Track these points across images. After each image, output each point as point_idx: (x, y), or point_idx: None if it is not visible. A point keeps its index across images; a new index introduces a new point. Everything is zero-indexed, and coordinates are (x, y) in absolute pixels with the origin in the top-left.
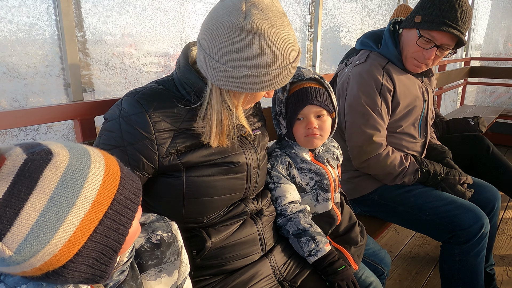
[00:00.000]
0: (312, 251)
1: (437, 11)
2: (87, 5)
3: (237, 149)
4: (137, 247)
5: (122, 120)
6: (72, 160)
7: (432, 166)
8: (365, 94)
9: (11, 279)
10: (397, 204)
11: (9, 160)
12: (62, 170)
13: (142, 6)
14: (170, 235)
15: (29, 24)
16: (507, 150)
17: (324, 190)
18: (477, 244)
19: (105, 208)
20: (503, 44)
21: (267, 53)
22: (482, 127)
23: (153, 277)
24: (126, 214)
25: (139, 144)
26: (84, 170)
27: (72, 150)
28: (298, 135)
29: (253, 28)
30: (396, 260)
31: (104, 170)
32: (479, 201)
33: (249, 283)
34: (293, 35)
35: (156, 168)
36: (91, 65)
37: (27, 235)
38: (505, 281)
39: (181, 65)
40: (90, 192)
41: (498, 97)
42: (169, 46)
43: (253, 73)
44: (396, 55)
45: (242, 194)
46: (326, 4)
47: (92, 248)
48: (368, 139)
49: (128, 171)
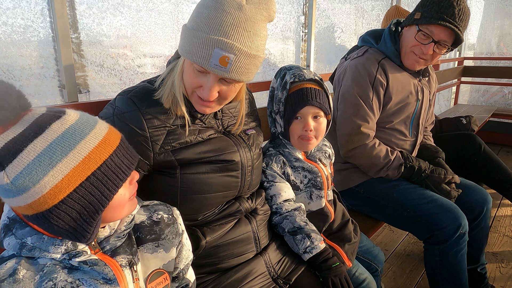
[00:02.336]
0: (307, 248)
1: (436, 7)
2: (81, 6)
3: (232, 147)
4: (137, 222)
5: (116, 118)
6: (78, 121)
7: (417, 162)
8: (358, 86)
9: (20, 232)
10: (381, 198)
11: (32, 111)
12: (67, 126)
13: (137, 8)
14: (170, 217)
15: (24, 26)
16: (500, 148)
17: (317, 187)
18: (456, 244)
19: (94, 167)
20: (496, 44)
21: (209, 8)
22: (474, 126)
23: (150, 251)
24: (113, 180)
25: (133, 141)
26: (85, 131)
27: (83, 116)
28: (294, 135)
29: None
30: (390, 258)
31: (103, 136)
32: (467, 203)
33: (244, 281)
34: (252, 25)
35: (150, 164)
36: (86, 66)
37: (23, 169)
38: (498, 277)
39: (171, 61)
40: (83, 149)
41: (491, 96)
42: (163, 47)
43: (190, 27)
44: (394, 51)
45: (236, 192)
46: (320, 4)
47: (76, 200)
48: (356, 129)
49: (129, 147)
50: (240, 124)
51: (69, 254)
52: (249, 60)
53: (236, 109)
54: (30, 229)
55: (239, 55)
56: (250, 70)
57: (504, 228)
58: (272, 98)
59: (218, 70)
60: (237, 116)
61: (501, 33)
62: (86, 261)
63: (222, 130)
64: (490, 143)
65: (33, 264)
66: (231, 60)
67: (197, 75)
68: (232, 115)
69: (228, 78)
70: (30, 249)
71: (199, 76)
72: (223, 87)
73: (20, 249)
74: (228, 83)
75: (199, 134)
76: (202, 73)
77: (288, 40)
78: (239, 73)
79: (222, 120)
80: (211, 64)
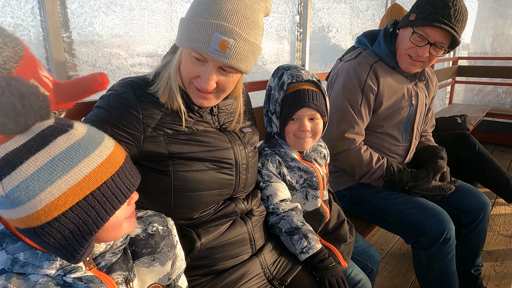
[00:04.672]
0: (304, 248)
1: (430, 8)
2: (73, 5)
3: (226, 144)
4: (133, 236)
5: (112, 97)
6: (84, 137)
7: (398, 175)
8: (347, 90)
9: (11, 247)
10: (366, 203)
11: (40, 123)
12: (72, 141)
13: (129, 7)
14: (165, 228)
15: (14, 25)
16: (494, 148)
17: (313, 188)
18: (441, 249)
19: (94, 187)
20: (490, 44)
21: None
22: (469, 125)
23: (146, 265)
24: (111, 201)
25: (125, 120)
26: (90, 148)
27: (90, 131)
28: (289, 135)
29: None
30: (386, 258)
31: (108, 156)
32: (463, 207)
33: (239, 282)
34: (251, 13)
35: (139, 146)
36: (78, 66)
37: (20, 183)
38: (493, 276)
39: (167, 56)
40: (86, 168)
41: (485, 96)
42: (157, 47)
43: (188, 16)
44: (388, 53)
45: (231, 191)
46: (315, 4)
47: (71, 219)
48: (340, 134)
49: (132, 166)
50: (238, 122)
51: (63, 270)
52: (248, 47)
53: (232, 106)
54: (22, 243)
55: (239, 40)
56: (248, 58)
57: (498, 227)
58: (268, 98)
59: (217, 56)
60: (233, 113)
61: (495, 33)
62: (82, 278)
63: (218, 126)
64: (484, 142)
65: (24, 281)
66: (230, 45)
67: (195, 64)
68: (229, 112)
69: (227, 64)
70: (22, 265)
71: (197, 66)
72: (221, 77)
73: (12, 265)
74: (226, 72)
75: (194, 125)
76: (201, 62)
77: (283, 39)
78: (238, 60)
79: (218, 117)
80: (210, 49)
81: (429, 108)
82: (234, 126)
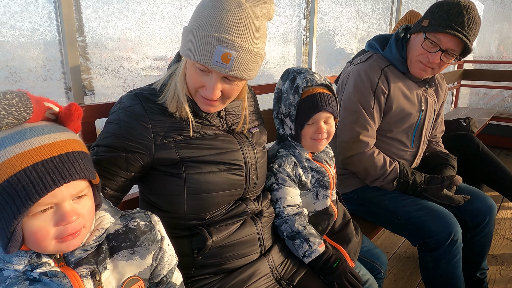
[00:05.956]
0: (306, 252)
1: (444, 15)
2: (87, 10)
3: (235, 145)
4: (112, 232)
5: (121, 112)
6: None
7: (412, 176)
8: (360, 93)
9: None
10: (373, 205)
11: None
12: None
13: (141, 11)
14: (147, 224)
15: (31, 29)
16: (500, 151)
17: (324, 187)
18: (448, 251)
19: (13, 171)
20: (495, 47)
21: (209, 8)
22: (474, 128)
23: (125, 258)
24: (28, 190)
25: (136, 132)
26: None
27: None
28: (306, 138)
29: None
30: (391, 260)
31: (12, 157)
32: (469, 211)
33: (248, 282)
34: (252, 22)
35: (151, 155)
36: (91, 69)
37: None
38: (498, 279)
39: (172, 64)
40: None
41: (491, 99)
42: (167, 50)
43: (191, 27)
44: (399, 58)
45: (242, 191)
46: (321, 8)
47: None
48: (355, 136)
49: (39, 179)
50: (244, 124)
51: (31, 266)
52: (250, 57)
53: (239, 107)
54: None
55: (241, 51)
56: (252, 67)
57: (504, 231)
58: (278, 100)
59: (220, 68)
60: (241, 114)
61: (501, 36)
62: (47, 273)
63: (226, 128)
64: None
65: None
66: (233, 57)
67: (199, 75)
68: (236, 113)
69: (230, 75)
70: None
71: (202, 76)
72: (226, 86)
73: None
74: (230, 81)
75: (202, 129)
76: (205, 73)
77: (289, 43)
78: (241, 70)
79: (226, 119)
80: (213, 62)
81: (438, 113)
82: (242, 128)
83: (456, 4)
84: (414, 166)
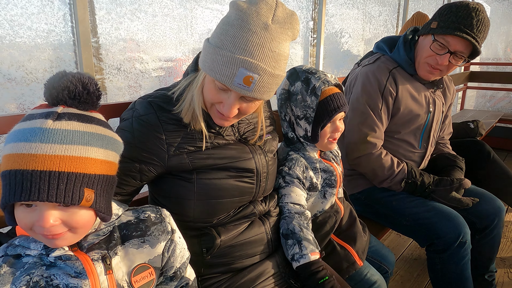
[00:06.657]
0: (295, 255)
1: (453, 17)
2: (101, 12)
3: (247, 154)
4: (124, 221)
5: (135, 120)
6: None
7: (420, 177)
8: (367, 94)
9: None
10: (380, 206)
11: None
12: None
13: (153, 13)
14: (158, 216)
15: (47, 31)
16: (506, 154)
17: (331, 186)
18: (456, 253)
19: (15, 167)
20: (502, 49)
21: (235, 27)
22: (482, 130)
23: (136, 246)
24: (14, 190)
25: (150, 143)
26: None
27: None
28: (324, 138)
29: (240, 6)
30: (398, 262)
31: (26, 154)
32: (477, 212)
33: (257, 281)
34: (277, 45)
35: (165, 165)
36: (104, 69)
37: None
38: (506, 282)
39: (189, 71)
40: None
41: (498, 102)
42: (177, 52)
43: (214, 44)
44: (407, 60)
45: (251, 198)
46: (328, 10)
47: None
48: (362, 138)
49: (28, 186)
50: (260, 137)
51: (46, 250)
52: (272, 80)
53: (253, 115)
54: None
55: (263, 75)
56: (272, 89)
57: None
58: (286, 101)
59: (241, 89)
60: (253, 121)
61: (508, 38)
62: (61, 256)
63: (238, 137)
64: (497, 149)
65: (17, 263)
66: (255, 80)
67: (218, 92)
68: (248, 121)
69: (250, 96)
70: (14, 247)
71: (220, 93)
72: (243, 104)
73: (6, 247)
74: (248, 100)
75: (215, 139)
76: (223, 90)
77: (296, 45)
78: (261, 92)
79: (239, 128)
80: (234, 83)
81: (446, 115)
82: (256, 140)
83: (465, 6)
84: (422, 167)
